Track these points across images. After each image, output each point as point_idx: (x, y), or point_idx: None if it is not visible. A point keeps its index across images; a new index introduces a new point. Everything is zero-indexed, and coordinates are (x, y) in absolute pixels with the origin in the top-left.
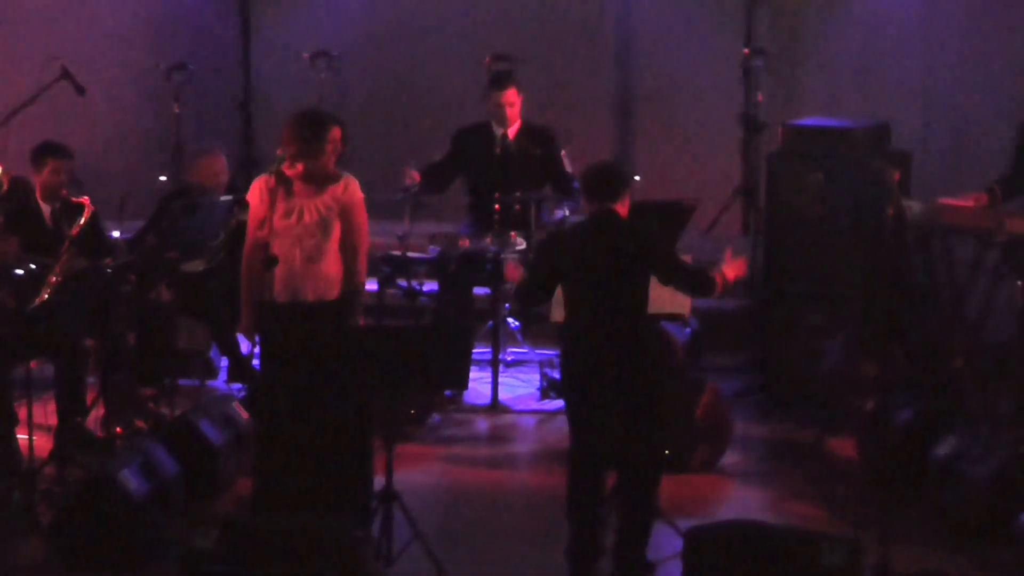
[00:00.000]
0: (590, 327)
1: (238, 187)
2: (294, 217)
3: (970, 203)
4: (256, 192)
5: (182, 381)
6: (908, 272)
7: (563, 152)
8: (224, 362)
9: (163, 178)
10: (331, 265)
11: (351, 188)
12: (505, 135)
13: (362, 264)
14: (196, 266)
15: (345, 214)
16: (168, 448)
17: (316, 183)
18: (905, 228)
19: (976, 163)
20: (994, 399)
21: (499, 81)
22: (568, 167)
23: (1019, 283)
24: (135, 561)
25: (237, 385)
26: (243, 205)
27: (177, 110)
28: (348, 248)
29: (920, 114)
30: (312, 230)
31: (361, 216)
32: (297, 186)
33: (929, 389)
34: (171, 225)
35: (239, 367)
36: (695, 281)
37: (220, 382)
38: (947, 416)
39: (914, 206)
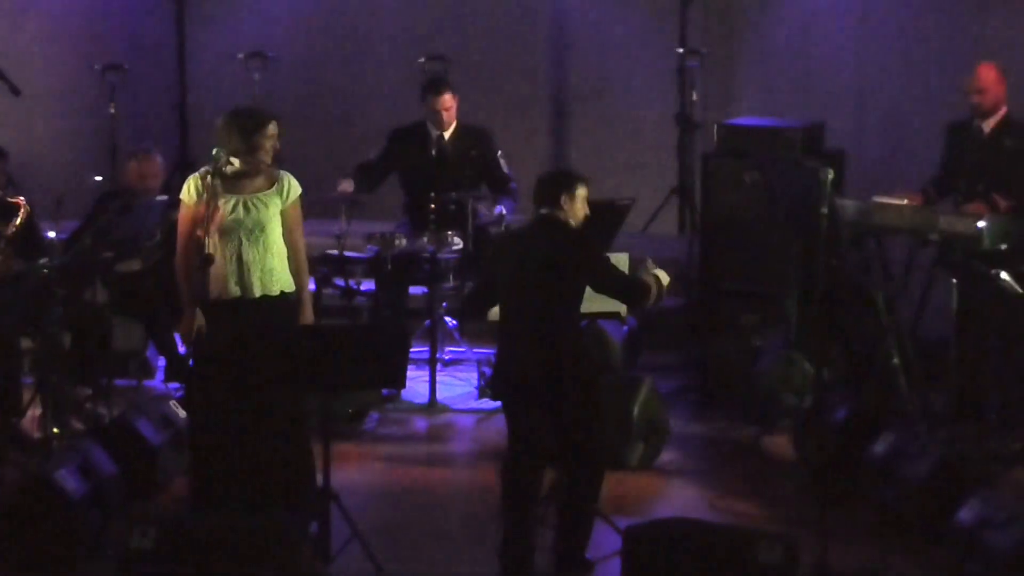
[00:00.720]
0: (522, 334)
1: (173, 187)
2: (236, 214)
3: (904, 202)
4: (191, 190)
5: (119, 381)
6: (843, 271)
7: (499, 153)
8: (161, 362)
9: (99, 178)
10: (274, 261)
11: (291, 185)
12: (441, 136)
13: (305, 260)
14: (132, 266)
15: (287, 211)
16: (105, 448)
17: (255, 180)
18: (840, 227)
19: (910, 162)
20: (929, 397)
21: (435, 86)
22: (505, 168)
23: (953, 282)
24: (72, 562)
25: (175, 384)
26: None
27: (112, 110)
28: (291, 244)
29: (854, 114)
30: (254, 227)
31: (300, 212)
32: (236, 183)
33: (865, 387)
34: (106, 225)
35: (176, 367)
36: (628, 290)
37: (157, 382)
38: (883, 414)
39: (848, 205)
